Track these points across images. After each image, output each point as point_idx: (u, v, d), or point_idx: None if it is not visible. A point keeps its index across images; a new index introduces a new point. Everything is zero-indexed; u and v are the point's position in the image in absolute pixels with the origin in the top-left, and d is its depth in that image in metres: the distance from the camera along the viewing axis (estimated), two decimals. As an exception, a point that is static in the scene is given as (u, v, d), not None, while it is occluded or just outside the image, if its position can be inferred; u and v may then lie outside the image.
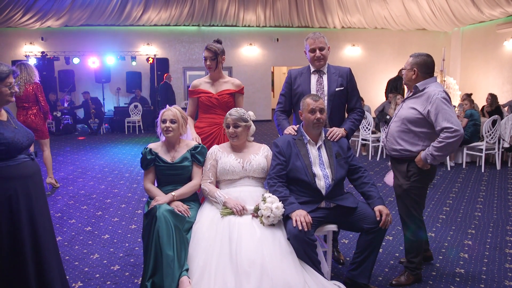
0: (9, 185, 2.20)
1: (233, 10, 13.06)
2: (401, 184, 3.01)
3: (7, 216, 2.21)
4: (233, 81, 3.50)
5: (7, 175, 2.20)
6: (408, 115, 2.95)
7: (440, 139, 2.80)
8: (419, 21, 13.39)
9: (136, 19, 12.92)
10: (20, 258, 2.24)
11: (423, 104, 2.88)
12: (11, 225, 2.22)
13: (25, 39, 13.09)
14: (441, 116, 2.79)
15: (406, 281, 3.04)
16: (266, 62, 14.45)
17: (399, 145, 2.99)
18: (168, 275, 2.43)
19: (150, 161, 2.95)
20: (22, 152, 2.29)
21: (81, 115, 12.21)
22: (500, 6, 10.54)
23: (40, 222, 2.34)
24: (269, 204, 2.58)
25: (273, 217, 2.58)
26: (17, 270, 2.25)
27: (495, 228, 4.24)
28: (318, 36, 3.19)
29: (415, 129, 2.93)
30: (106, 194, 5.54)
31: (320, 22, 13.81)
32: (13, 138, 2.22)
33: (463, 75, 13.60)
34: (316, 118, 2.81)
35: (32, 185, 2.30)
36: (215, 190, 2.83)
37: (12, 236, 2.22)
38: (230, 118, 2.91)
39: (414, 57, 3.00)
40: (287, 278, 2.35)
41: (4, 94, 2.26)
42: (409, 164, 2.97)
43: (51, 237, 2.45)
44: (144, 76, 13.71)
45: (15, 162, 2.23)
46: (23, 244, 2.24)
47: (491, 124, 6.87)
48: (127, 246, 3.80)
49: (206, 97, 3.40)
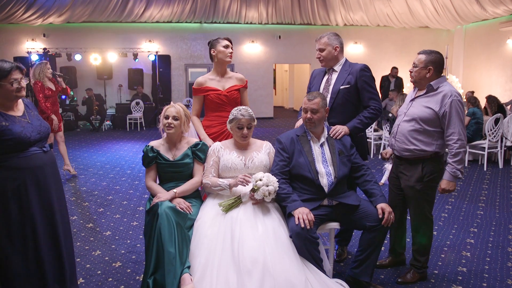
0: (18, 175, 2.32)
1: (235, 7, 13.03)
2: (413, 186, 2.93)
3: (17, 203, 2.32)
4: (236, 76, 3.47)
5: (16, 166, 2.31)
6: (423, 114, 2.87)
7: (454, 152, 2.80)
8: (422, 19, 13.34)
9: (138, 15, 12.90)
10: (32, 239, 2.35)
11: (439, 104, 2.82)
12: (22, 214, 2.33)
13: (27, 35, 13.08)
14: (454, 121, 2.78)
15: (412, 278, 3.04)
16: (268, 60, 14.42)
17: (413, 145, 2.90)
18: (170, 272, 2.43)
19: (151, 158, 2.94)
20: (32, 145, 2.39)
21: (83, 111, 12.20)
22: (504, 4, 10.48)
23: (52, 210, 2.44)
24: (263, 189, 2.59)
25: (273, 193, 2.63)
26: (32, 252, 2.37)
27: (498, 227, 4.22)
28: (321, 37, 3.17)
29: (429, 128, 2.86)
30: (107, 191, 5.54)
31: (323, 19, 13.77)
32: (20, 133, 2.32)
33: (466, 73, 13.55)
34: (307, 118, 2.82)
35: (41, 176, 2.40)
36: (217, 179, 2.83)
37: (23, 224, 2.34)
38: (244, 119, 2.85)
39: (427, 55, 2.89)
40: (289, 276, 2.35)
41: (10, 90, 2.33)
42: (424, 164, 2.90)
43: (64, 225, 2.56)
44: (146, 73, 13.70)
45: (25, 154, 2.35)
46: (36, 232, 2.36)
47: (493, 122, 6.85)
48: (128, 243, 3.80)
49: (215, 94, 3.33)
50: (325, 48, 3.14)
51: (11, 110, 2.41)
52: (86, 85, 12.57)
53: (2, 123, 2.29)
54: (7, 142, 2.28)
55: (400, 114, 3.08)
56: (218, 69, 3.41)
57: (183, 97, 13.84)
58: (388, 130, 7.35)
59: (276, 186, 2.65)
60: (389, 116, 7.29)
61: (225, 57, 3.34)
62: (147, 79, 13.72)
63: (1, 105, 2.36)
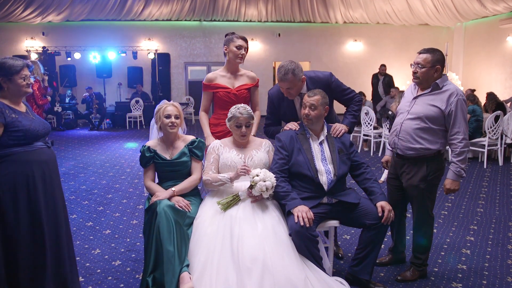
0: (27, 167, 2.38)
1: (234, 5, 13.01)
2: (417, 185, 2.90)
3: (26, 194, 2.37)
4: (248, 74, 3.38)
5: (25, 159, 2.38)
6: (429, 113, 2.83)
7: (458, 151, 2.80)
8: (422, 16, 13.32)
9: (138, 14, 12.89)
10: (38, 234, 2.42)
11: (445, 102, 2.79)
12: (30, 205, 2.38)
13: (26, 34, 13.07)
14: (459, 120, 2.77)
15: (412, 276, 3.03)
16: (268, 57, 14.40)
17: (419, 144, 2.86)
18: (169, 271, 2.42)
19: (149, 158, 2.93)
20: (39, 139, 2.46)
21: (83, 110, 12.20)
22: (504, 1, 10.47)
23: (56, 205, 2.51)
24: (260, 184, 2.59)
25: (270, 189, 2.63)
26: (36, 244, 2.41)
27: (497, 224, 4.22)
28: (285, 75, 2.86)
29: (435, 126, 2.83)
30: (107, 189, 5.54)
31: (322, 17, 13.76)
32: (30, 125, 2.40)
33: (466, 71, 13.55)
34: (304, 113, 2.82)
35: (47, 170, 2.46)
36: (217, 174, 2.82)
37: (31, 214, 2.39)
38: (242, 117, 2.84)
39: (432, 54, 2.82)
40: (288, 274, 2.34)
41: (21, 85, 2.43)
42: (428, 163, 2.88)
43: (65, 220, 2.63)
44: (146, 71, 13.69)
45: (32, 148, 2.42)
46: (41, 222, 2.41)
47: (493, 120, 6.84)
48: (128, 241, 3.79)
49: (224, 92, 3.28)
50: (294, 86, 2.92)
51: (18, 106, 2.48)
52: (85, 84, 12.57)
53: (12, 115, 2.36)
54: (16, 133, 2.35)
55: (401, 112, 3.02)
56: (229, 66, 3.32)
57: (182, 95, 13.84)
58: (388, 128, 7.34)
59: (274, 181, 2.64)
60: (388, 114, 7.27)
61: (235, 57, 3.24)
62: (146, 77, 13.72)
63: (9, 102, 2.44)
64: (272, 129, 3.25)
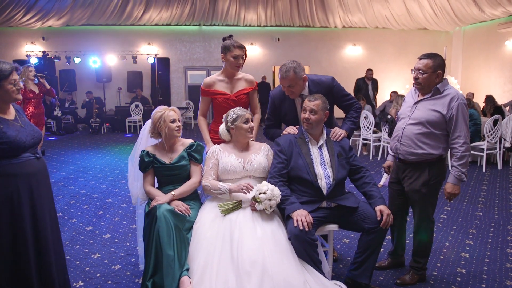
0: (11, 182, 2.24)
1: (234, 10, 13.06)
2: (419, 189, 2.91)
3: (9, 211, 2.25)
4: (246, 77, 3.36)
5: (9, 173, 2.24)
6: (430, 118, 2.83)
7: (459, 155, 2.79)
8: (421, 20, 13.38)
9: (137, 18, 12.94)
10: (22, 250, 2.29)
11: (446, 107, 2.79)
12: (13, 221, 2.26)
13: (26, 38, 13.12)
14: (460, 124, 2.78)
15: (411, 280, 3.04)
16: (267, 62, 14.44)
17: (421, 149, 2.86)
18: (169, 275, 2.43)
19: (148, 163, 2.93)
20: (26, 150, 2.32)
21: (83, 114, 12.22)
22: (502, 6, 10.52)
23: (43, 219, 2.38)
24: (265, 203, 2.58)
25: (274, 207, 2.63)
26: (18, 263, 2.29)
27: (496, 228, 4.23)
28: (286, 73, 2.91)
29: (436, 131, 2.84)
30: (107, 194, 5.54)
31: (321, 21, 13.81)
32: (16, 137, 2.25)
33: (465, 75, 13.58)
34: (305, 118, 2.84)
35: (34, 183, 2.34)
36: (217, 182, 2.82)
37: (14, 231, 2.27)
38: (247, 113, 2.91)
39: (433, 59, 2.82)
40: (288, 278, 2.35)
41: (11, 91, 2.28)
42: (430, 168, 2.88)
43: (54, 234, 2.48)
44: (145, 76, 13.72)
45: (19, 160, 2.27)
46: (25, 238, 2.29)
47: (492, 123, 6.86)
48: (128, 245, 3.80)
49: (223, 98, 3.26)
50: (295, 84, 2.96)
51: (4, 113, 2.32)
52: (85, 88, 12.59)
53: None
54: (2, 146, 2.20)
55: (403, 117, 3.02)
56: (227, 72, 3.30)
57: (182, 100, 13.87)
58: (387, 132, 7.36)
59: (279, 200, 2.64)
60: (388, 118, 7.30)
61: (232, 67, 3.23)
62: (146, 82, 13.75)
63: None
64: (271, 131, 3.27)
